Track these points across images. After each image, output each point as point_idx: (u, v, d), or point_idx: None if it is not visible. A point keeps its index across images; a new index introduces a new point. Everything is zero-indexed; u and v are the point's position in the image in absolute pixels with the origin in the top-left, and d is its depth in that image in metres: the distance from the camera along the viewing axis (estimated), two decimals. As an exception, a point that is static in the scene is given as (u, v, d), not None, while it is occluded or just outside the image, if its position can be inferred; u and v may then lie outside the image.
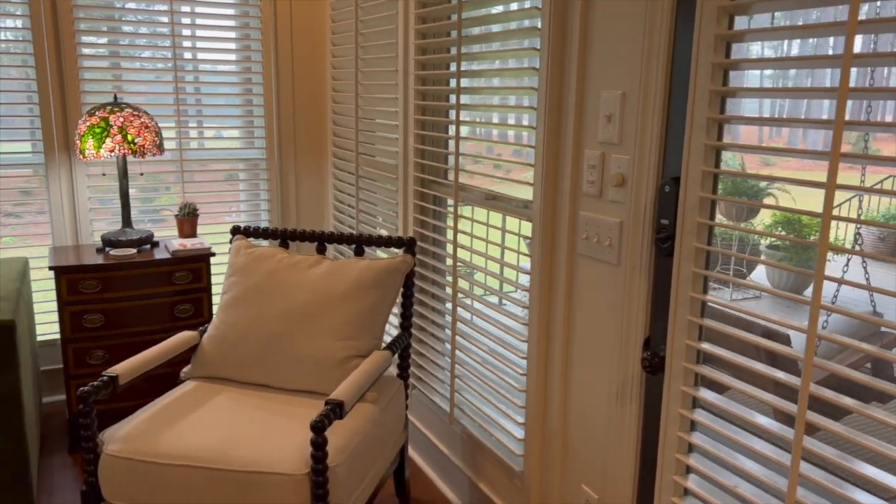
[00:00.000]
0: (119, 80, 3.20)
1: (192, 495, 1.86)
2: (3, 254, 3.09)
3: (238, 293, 2.36)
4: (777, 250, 6.67)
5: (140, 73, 3.22)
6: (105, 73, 3.18)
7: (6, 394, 2.22)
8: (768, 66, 1.33)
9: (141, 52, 3.21)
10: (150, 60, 3.22)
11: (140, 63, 3.22)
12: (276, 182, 3.53)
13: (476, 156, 2.35)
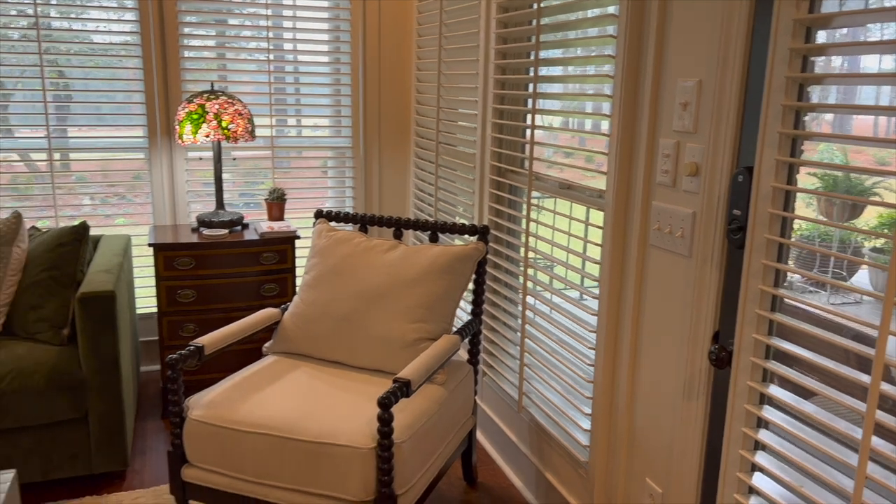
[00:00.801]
0: (216, 70, 3.38)
1: (266, 461, 1.96)
2: (108, 231, 3.33)
3: (318, 274, 2.45)
4: (882, 253, 6.27)
5: (237, 63, 3.39)
6: (204, 62, 3.35)
7: (106, 358, 2.41)
8: (848, 53, 1.27)
9: (238, 43, 3.37)
10: (247, 51, 3.38)
11: (237, 53, 3.38)
12: (361, 170, 3.64)
13: (551, 145, 2.34)
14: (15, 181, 3.22)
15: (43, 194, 3.22)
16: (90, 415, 2.43)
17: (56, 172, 3.22)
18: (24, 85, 3.13)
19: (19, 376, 2.33)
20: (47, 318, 2.52)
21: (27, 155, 3.29)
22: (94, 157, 3.30)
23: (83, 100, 3.22)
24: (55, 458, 2.42)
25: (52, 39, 3.12)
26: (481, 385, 2.89)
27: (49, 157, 3.18)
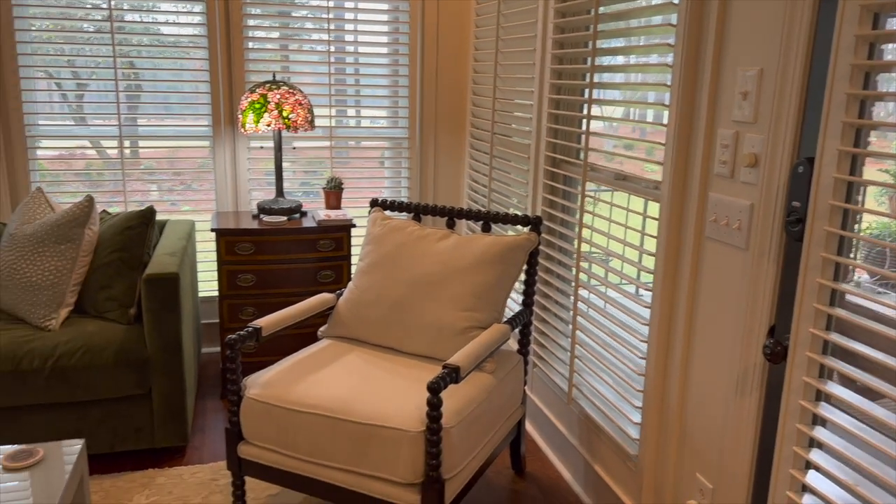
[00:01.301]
0: (279, 61, 3.46)
1: (318, 441, 2.02)
2: (173, 217, 3.46)
3: (372, 261, 2.50)
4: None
5: (299, 55, 3.46)
6: (267, 54, 3.44)
7: (169, 337, 2.51)
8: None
9: (300, 35, 3.45)
10: (310, 42, 3.45)
11: (299, 45, 3.45)
12: (417, 160, 3.67)
13: (606, 135, 2.32)
14: (89, 168, 3.38)
15: (113, 179, 3.37)
16: (154, 391, 2.54)
17: (126, 160, 3.35)
18: (97, 76, 3.28)
19: (89, 352, 2.45)
20: (116, 297, 2.64)
21: (99, 143, 3.45)
22: (162, 145, 3.43)
23: (152, 89, 3.34)
24: (121, 432, 2.54)
25: (125, 32, 3.25)
26: (531, 376, 2.89)
27: (119, 146, 3.32)
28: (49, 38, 3.22)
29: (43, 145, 3.28)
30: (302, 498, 2.41)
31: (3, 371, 2.36)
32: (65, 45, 3.21)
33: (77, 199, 3.22)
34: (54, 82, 3.35)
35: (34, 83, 3.23)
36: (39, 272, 2.59)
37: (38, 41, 3.18)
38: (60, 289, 2.60)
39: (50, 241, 2.62)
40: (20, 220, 2.74)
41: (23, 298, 2.60)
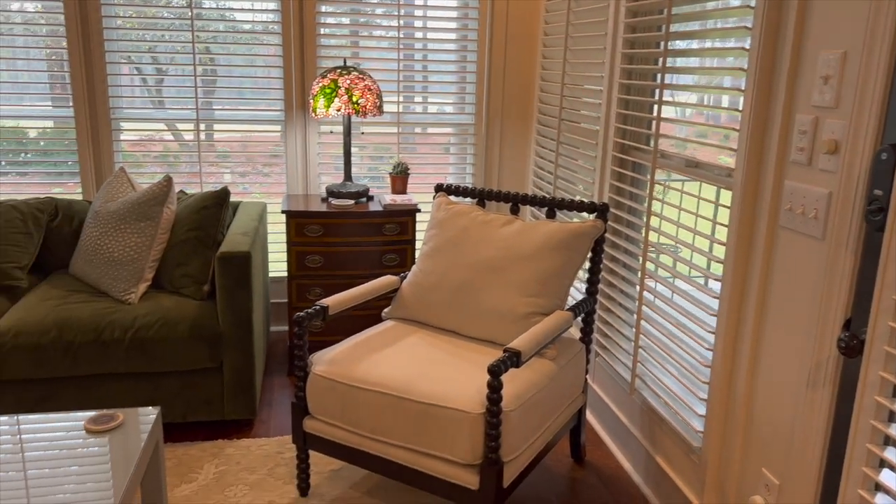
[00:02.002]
0: (350, 47, 3.51)
1: (379, 417, 2.06)
2: (246, 199, 3.57)
3: (435, 245, 2.52)
4: None
5: (369, 41, 3.51)
6: (338, 40, 3.50)
7: (240, 313, 2.60)
8: None
9: (372, 21, 3.49)
10: (382, 28, 3.49)
11: (370, 31, 3.50)
12: (482, 147, 3.68)
13: (678, 121, 2.27)
14: (167, 150, 3.52)
15: (189, 162, 3.50)
16: (224, 365, 2.64)
17: (201, 143, 3.48)
18: (176, 62, 3.40)
19: (166, 325, 2.56)
20: (191, 274, 2.75)
21: (174, 126, 3.58)
22: (236, 129, 3.54)
23: (227, 74, 3.45)
24: (193, 403, 2.65)
25: (203, 18, 3.36)
26: (593, 365, 2.87)
27: (196, 129, 3.44)
28: (132, 26, 3.36)
29: (125, 128, 3.43)
30: (363, 474, 2.47)
31: (87, 340, 2.50)
32: (146, 33, 3.35)
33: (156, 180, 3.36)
34: (135, 68, 3.49)
35: (118, 68, 3.38)
36: (121, 248, 2.72)
37: (123, 28, 3.32)
38: (140, 264, 2.72)
39: (131, 218, 2.75)
40: (104, 199, 2.88)
41: (105, 273, 2.74)
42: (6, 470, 1.70)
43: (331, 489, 2.37)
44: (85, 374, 2.54)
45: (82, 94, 3.30)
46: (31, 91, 3.33)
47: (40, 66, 3.31)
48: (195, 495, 2.30)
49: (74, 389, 2.57)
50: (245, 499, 2.29)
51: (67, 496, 1.61)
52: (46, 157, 3.42)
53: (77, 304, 2.63)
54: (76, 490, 1.63)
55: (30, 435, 1.86)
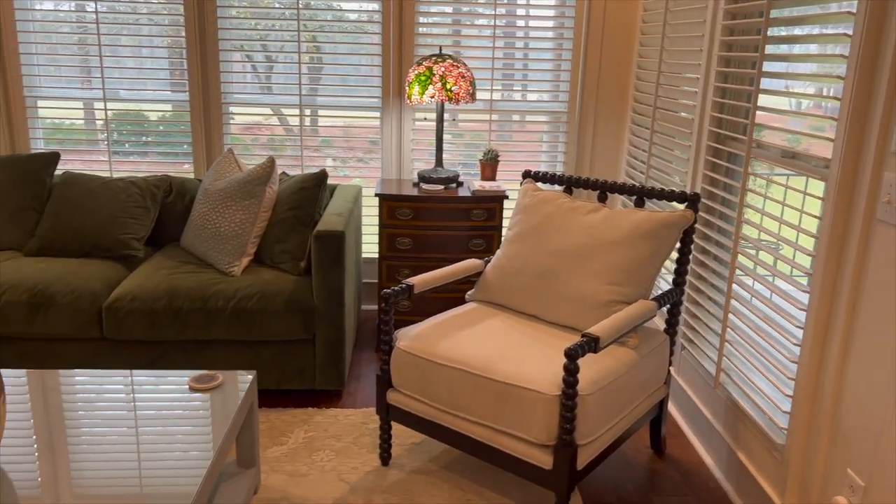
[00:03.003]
0: (447, 35, 3.58)
1: (459, 394, 2.13)
2: (344, 182, 3.72)
3: (520, 230, 2.56)
4: None
5: (467, 29, 3.57)
6: (437, 28, 3.57)
7: (333, 289, 2.74)
8: None
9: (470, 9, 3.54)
10: (482, 17, 3.54)
11: (471, 20, 3.55)
12: (574, 135, 3.67)
13: (775, 110, 2.20)
14: (272, 136, 3.71)
15: (292, 146, 3.68)
16: (317, 337, 2.78)
17: (305, 127, 3.65)
18: (284, 52, 3.58)
19: (264, 298, 2.73)
20: (289, 251, 2.91)
21: (280, 111, 3.77)
22: (337, 115, 3.69)
23: (331, 62, 3.60)
24: (287, 372, 2.82)
25: (311, 8, 3.51)
26: (679, 358, 2.83)
27: (300, 114, 3.62)
28: (245, 16, 3.56)
29: (234, 112, 3.65)
30: (442, 448, 2.55)
31: (193, 308, 2.70)
32: (257, 22, 3.54)
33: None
34: (245, 56, 3.70)
35: (230, 55, 3.59)
36: (226, 223, 2.92)
37: (236, 17, 3.52)
38: (243, 239, 2.91)
39: (236, 196, 2.94)
40: (213, 178, 3.09)
41: (212, 246, 2.95)
42: (121, 418, 1.89)
43: (411, 461, 2.46)
44: (192, 338, 2.74)
45: (197, 80, 3.54)
46: (154, 77, 3.60)
47: (162, 54, 3.57)
48: (285, 457, 2.46)
49: (182, 352, 2.78)
50: (330, 464, 2.43)
51: (170, 444, 1.77)
52: (165, 139, 3.69)
53: (186, 274, 2.84)
54: (178, 440, 1.79)
55: (141, 388, 2.06)
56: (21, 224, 3.08)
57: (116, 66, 3.57)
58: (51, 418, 1.86)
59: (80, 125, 3.71)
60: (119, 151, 3.69)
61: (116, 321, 2.70)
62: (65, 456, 1.70)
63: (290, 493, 2.25)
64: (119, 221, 3.04)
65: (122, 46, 3.57)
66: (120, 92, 3.60)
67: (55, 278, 2.75)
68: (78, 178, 3.15)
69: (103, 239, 3.00)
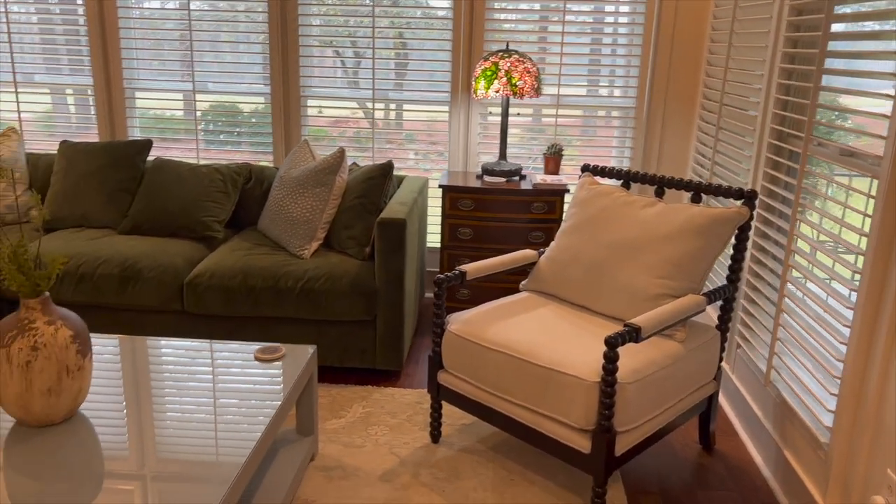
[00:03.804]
0: (516, 31, 3.66)
1: (503, 376, 2.22)
2: (413, 173, 3.86)
3: (575, 222, 2.62)
4: None
5: (536, 24, 3.63)
6: (506, 24, 3.65)
7: (393, 274, 2.87)
8: None
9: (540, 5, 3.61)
10: (544, 12, 3.60)
11: (544, 15, 3.62)
12: (642, 130, 3.67)
13: (831, 107, 2.17)
14: (347, 127, 3.89)
15: (365, 137, 3.85)
16: (378, 319, 2.93)
17: (376, 120, 3.81)
18: (357, 47, 3.74)
19: (330, 279, 2.89)
20: (355, 236, 3.07)
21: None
22: (409, 109, 3.83)
23: (401, 57, 3.74)
24: (350, 350, 2.98)
25: (382, 4, 3.66)
26: (734, 355, 2.82)
27: (371, 108, 3.77)
28: (324, 13, 3.74)
29: (311, 104, 3.84)
30: (491, 431, 2.65)
31: (265, 286, 2.90)
32: (334, 19, 3.72)
33: (334, 152, 3.73)
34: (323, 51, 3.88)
35: (310, 51, 3.78)
36: (299, 209, 3.10)
37: (316, 14, 3.71)
38: (313, 225, 3.09)
39: (308, 184, 3.12)
40: (288, 166, 3.29)
41: (285, 230, 3.14)
42: (194, 381, 2.08)
43: (459, 440, 2.57)
44: (264, 315, 2.94)
45: (279, 76, 3.75)
46: (240, 72, 3.84)
47: (247, 49, 3.80)
48: (342, 429, 2.61)
49: (255, 327, 2.99)
50: (384, 438, 2.57)
51: (236, 405, 1.95)
52: (248, 130, 3.93)
53: (260, 255, 3.04)
54: (243, 403, 1.97)
55: (213, 357, 2.25)
56: (116, 205, 3.37)
57: (205, 60, 3.82)
58: (137, 379, 2.08)
59: (171, 115, 4.00)
60: (206, 140, 3.96)
61: (196, 296, 2.93)
62: (149, 413, 1.90)
63: (344, 462, 2.41)
64: (202, 205, 3.28)
65: (209, 42, 3.82)
66: (208, 85, 3.86)
67: (143, 255, 3.01)
68: (167, 164, 3.41)
69: (187, 220, 3.25)
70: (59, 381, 1.70)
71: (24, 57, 3.88)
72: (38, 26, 3.87)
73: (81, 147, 3.47)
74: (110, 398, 1.95)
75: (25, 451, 1.68)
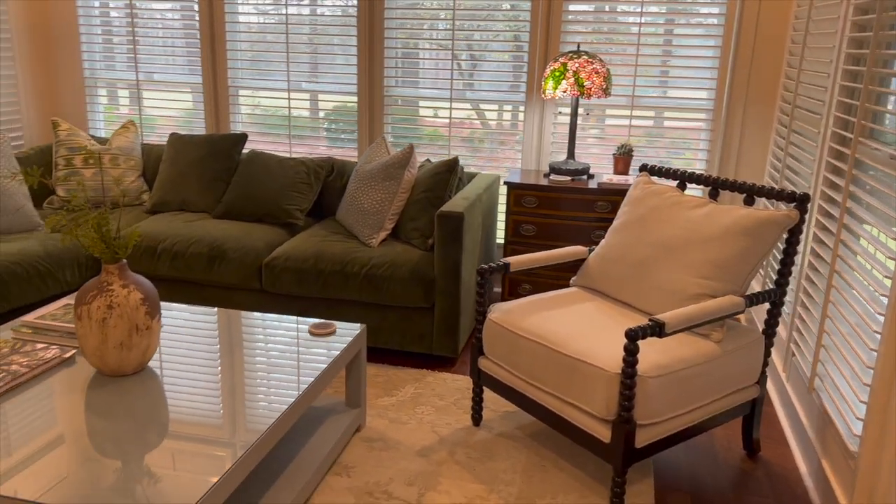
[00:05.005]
0: (589, 32, 3.70)
1: (534, 364, 2.32)
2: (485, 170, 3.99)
3: (625, 220, 2.66)
4: None
5: (608, 26, 3.66)
6: (579, 25, 3.71)
7: (451, 264, 3.02)
8: None
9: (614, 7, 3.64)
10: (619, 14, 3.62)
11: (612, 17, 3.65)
12: (720, 133, 3.61)
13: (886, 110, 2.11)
14: (423, 125, 4.08)
15: (443, 136, 4.02)
16: (436, 307, 3.09)
17: (452, 119, 3.96)
18: (435, 48, 3.92)
19: (392, 266, 3.08)
20: (419, 228, 3.24)
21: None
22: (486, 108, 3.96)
23: (480, 59, 3.87)
24: (408, 335, 3.16)
25: (463, 8, 3.81)
26: (789, 363, 2.75)
27: (449, 107, 3.94)
28: (405, 16, 3.94)
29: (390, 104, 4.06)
30: (530, 420, 2.74)
31: (334, 270, 3.13)
32: (415, 22, 3.91)
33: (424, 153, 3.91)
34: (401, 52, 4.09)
35: (393, 52, 4.00)
36: (369, 201, 3.32)
37: (398, 18, 3.92)
38: (382, 216, 3.29)
39: (379, 177, 3.32)
40: (365, 160, 3.51)
41: (357, 220, 3.36)
42: (254, 348, 2.32)
43: (499, 425, 2.69)
44: (332, 297, 3.18)
45: (365, 76, 3.99)
46: (329, 72, 4.11)
47: (336, 51, 4.07)
48: (392, 406, 2.79)
49: (324, 308, 3.23)
50: (428, 417, 2.72)
51: (280, 371, 2.17)
52: (335, 126, 4.20)
53: (333, 242, 3.28)
54: (287, 370, 2.18)
55: (276, 329, 2.49)
56: (212, 192, 3.73)
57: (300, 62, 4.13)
58: (204, 343, 2.35)
59: (268, 111, 4.34)
60: (297, 136, 4.27)
61: (273, 276, 3.20)
62: (207, 373, 2.15)
63: (387, 436, 2.58)
64: (286, 194, 3.57)
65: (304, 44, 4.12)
66: (301, 84, 4.16)
67: (230, 237, 3.32)
68: (259, 156, 3.73)
69: (272, 208, 3.55)
70: (129, 337, 1.98)
71: (145, 58, 4.34)
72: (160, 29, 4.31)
73: (187, 139, 3.85)
74: (177, 357, 2.22)
75: (102, 395, 1.96)
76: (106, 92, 4.49)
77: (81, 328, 1.97)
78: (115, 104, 4.51)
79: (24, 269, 3.07)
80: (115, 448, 1.73)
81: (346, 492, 2.25)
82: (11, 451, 1.71)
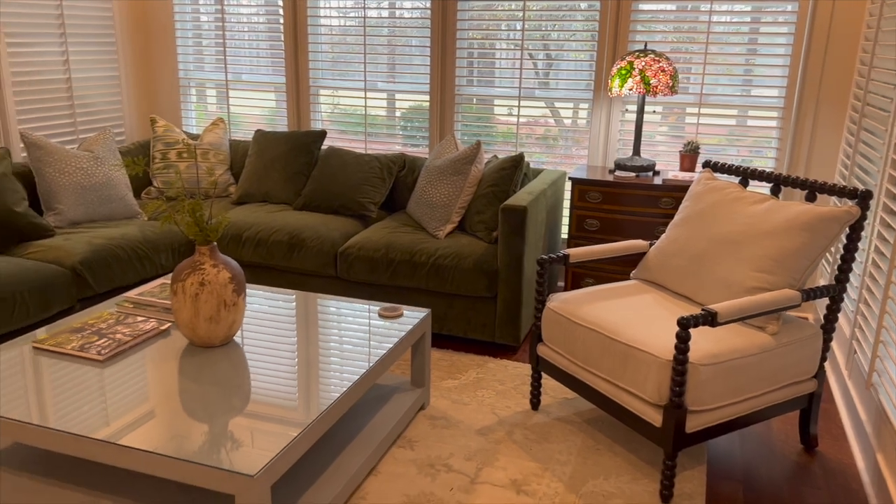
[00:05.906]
0: (659, 31, 3.74)
1: (590, 351, 2.42)
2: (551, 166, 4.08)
3: (685, 215, 2.72)
4: None
5: (673, 24, 3.70)
6: (648, 24, 3.76)
7: (513, 256, 3.15)
8: None
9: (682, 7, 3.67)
10: (688, 12, 3.66)
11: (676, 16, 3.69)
12: (789, 132, 3.60)
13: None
14: (492, 123, 4.22)
15: (510, 133, 4.14)
16: (498, 297, 3.22)
17: (521, 116, 4.08)
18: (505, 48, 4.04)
19: (457, 257, 3.23)
20: (485, 221, 3.38)
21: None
22: (558, 107, 4.06)
23: (552, 58, 3.97)
24: (472, 323, 3.30)
25: (533, 10, 3.92)
26: (851, 359, 2.75)
27: (518, 105, 4.06)
28: (474, 18, 4.08)
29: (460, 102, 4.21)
30: (588, 406, 2.84)
31: (403, 259, 3.30)
32: (485, 23, 4.04)
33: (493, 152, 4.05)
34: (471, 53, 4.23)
35: (464, 53, 4.15)
36: (438, 195, 3.48)
37: (469, 20, 4.06)
38: (449, 209, 3.44)
39: (447, 172, 3.48)
40: (434, 156, 3.68)
41: (425, 213, 3.53)
42: (328, 328, 2.52)
43: (557, 411, 2.80)
44: (400, 285, 3.36)
45: (437, 76, 4.16)
46: (405, 72, 4.30)
47: (413, 52, 4.25)
48: (455, 388, 2.94)
49: (394, 295, 3.41)
50: (489, 400, 2.86)
51: (351, 349, 2.35)
52: (409, 124, 4.39)
53: (403, 233, 3.46)
54: (357, 348, 2.36)
55: (349, 309, 2.68)
56: (293, 185, 3.98)
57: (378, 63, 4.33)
58: (284, 322, 2.56)
59: (346, 110, 4.57)
60: (372, 133, 4.47)
61: (346, 264, 3.41)
62: (285, 349, 2.36)
63: (449, 415, 2.73)
64: (361, 188, 3.77)
65: (381, 45, 4.32)
66: (378, 84, 4.37)
67: (308, 227, 3.55)
68: (337, 152, 3.95)
69: (347, 200, 3.76)
70: (217, 311, 2.20)
71: (232, 59, 4.64)
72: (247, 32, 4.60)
73: (270, 135, 4.12)
74: (259, 333, 2.44)
75: (193, 363, 2.20)
76: (195, 91, 4.83)
77: (176, 302, 2.20)
78: (204, 103, 4.84)
79: (126, 252, 3.38)
80: (203, 410, 1.95)
81: (409, 463, 2.41)
82: (119, 409, 1.95)
